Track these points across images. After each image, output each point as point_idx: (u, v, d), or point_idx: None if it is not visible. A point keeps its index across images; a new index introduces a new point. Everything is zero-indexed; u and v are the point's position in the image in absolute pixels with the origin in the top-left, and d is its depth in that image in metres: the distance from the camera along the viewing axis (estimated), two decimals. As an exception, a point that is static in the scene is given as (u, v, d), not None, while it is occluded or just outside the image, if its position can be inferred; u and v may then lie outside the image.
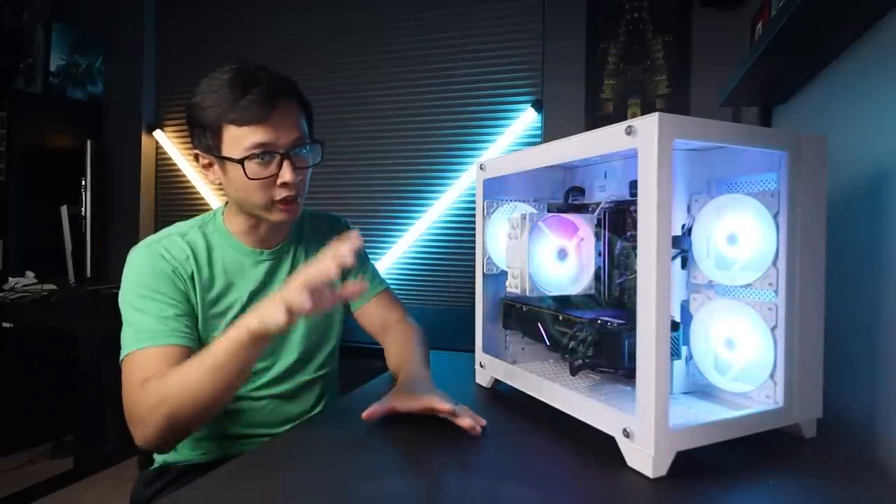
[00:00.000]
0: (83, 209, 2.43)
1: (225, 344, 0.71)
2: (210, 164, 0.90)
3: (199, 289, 0.89)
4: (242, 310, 0.93)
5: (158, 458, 0.98)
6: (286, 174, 0.85)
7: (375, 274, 1.14)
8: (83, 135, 2.54)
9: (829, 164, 0.70)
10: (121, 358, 0.81)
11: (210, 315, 0.91)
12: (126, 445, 2.68)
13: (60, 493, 2.05)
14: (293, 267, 1.00)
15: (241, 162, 0.83)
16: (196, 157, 0.91)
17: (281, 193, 0.87)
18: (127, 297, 0.85)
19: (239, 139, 0.83)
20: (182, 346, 0.82)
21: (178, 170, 2.77)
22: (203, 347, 0.88)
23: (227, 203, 0.97)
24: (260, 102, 0.82)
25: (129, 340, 0.81)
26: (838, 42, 0.92)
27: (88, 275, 2.41)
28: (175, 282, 0.87)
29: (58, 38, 2.63)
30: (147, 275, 0.86)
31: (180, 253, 0.89)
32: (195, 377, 0.72)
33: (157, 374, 0.76)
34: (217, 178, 0.90)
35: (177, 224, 0.96)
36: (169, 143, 2.77)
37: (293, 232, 1.02)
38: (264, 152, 0.84)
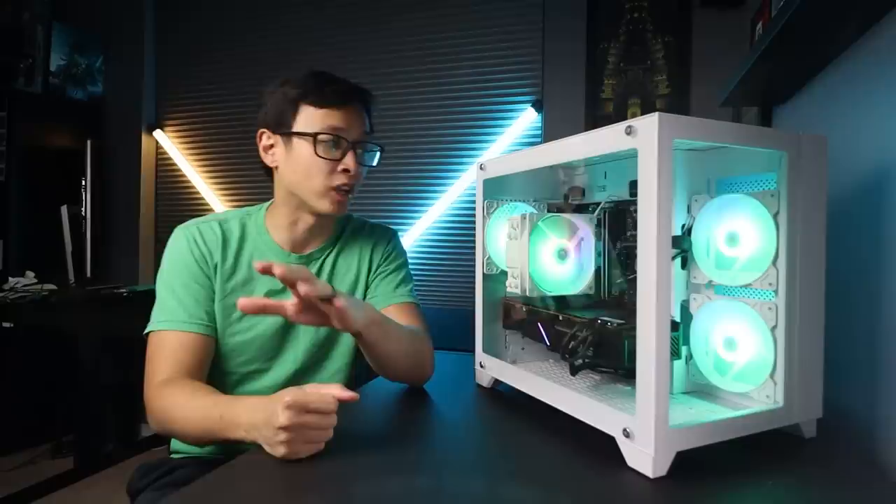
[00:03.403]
0: (83, 209, 2.42)
1: (220, 423, 0.71)
2: (271, 146, 0.95)
3: (220, 277, 0.94)
4: None
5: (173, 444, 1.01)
6: (349, 161, 0.91)
7: (406, 284, 1.06)
8: (83, 135, 2.53)
9: (829, 164, 0.70)
10: (146, 330, 0.89)
11: (225, 304, 0.93)
12: (126, 445, 2.69)
13: (60, 493, 2.05)
14: (318, 275, 0.99)
15: (314, 136, 0.90)
16: (260, 137, 0.96)
17: (339, 179, 0.91)
18: (161, 274, 0.93)
19: (314, 119, 0.91)
20: (198, 335, 0.88)
21: (178, 170, 2.77)
22: (220, 333, 0.93)
23: (271, 201, 1.01)
24: (339, 93, 0.92)
25: (156, 316, 0.89)
26: (838, 42, 0.92)
27: (88, 275, 2.40)
28: (202, 267, 0.93)
29: (58, 38, 2.63)
30: (179, 257, 0.93)
31: (212, 239, 0.94)
32: (192, 422, 0.76)
33: (175, 375, 0.83)
34: (276, 160, 0.95)
35: (227, 210, 1.02)
36: (169, 143, 2.77)
37: (329, 240, 1.02)
38: (336, 137, 0.90)
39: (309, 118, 0.91)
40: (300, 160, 0.91)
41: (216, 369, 0.94)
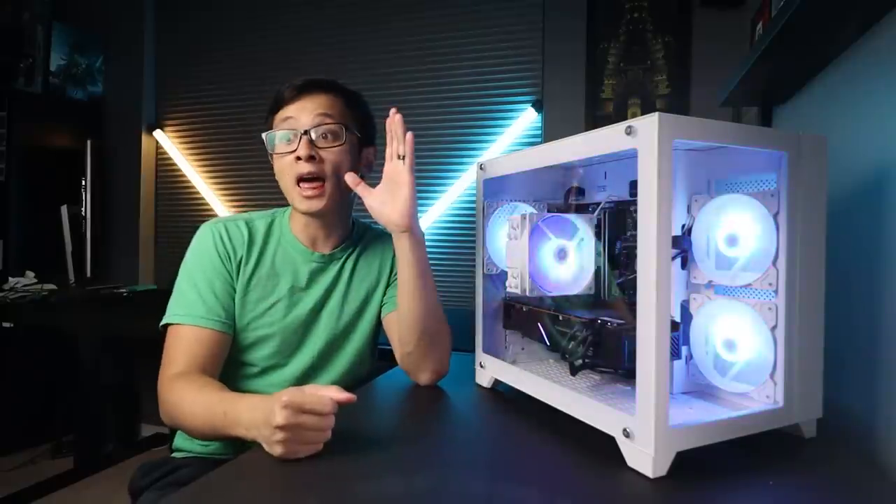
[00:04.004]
0: (83, 209, 2.42)
1: (224, 420, 0.72)
2: (272, 157, 0.97)
3: (242, 272, 0.96)
4: (277, 302, 0.96)
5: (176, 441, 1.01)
6: (301, 149, 0.90)
7: None
8: (83, 135, 2.54)
9: (830, 164, 0.70)
10: (163, 321, 0.91)
11: (247, 300, 0.95)
12: (126, 445, 2.68)
13: (60, 493, 2.05)
14: (338, 275, 1.01)
15: (264, 132, 0.93)
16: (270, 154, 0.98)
17: (296, 170, 0.91)
18: (184, 267, 0.95)
19: (273, 123, 0.95)
20: (214, 331, 0.90)
21: (178, 170, 2.76)
22: (241, 327, 0.94)
23: None
24: (293, 87, 0.93)
25: (174, 308, 0.91)
26: (838, 42, 0.92)
27: (88, 275, 2.40)
28: (225, 264, 0.95)
29: (58, 38, 2.63)
30: (204, 252, 0.95)
31: (238, 237, 0.97)
32: (198, 418, 0.78)
33: (188, 369, 0.85)
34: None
35: (255, 211, 1.04)
36: (169, 143, 2.77)
37: (349, 241, 1.04)
38: (288, 131, 0.92)
39: (273, 124, 0.94)
40: (275, 167, 0.95)
41: (235, 362, 0.95)
